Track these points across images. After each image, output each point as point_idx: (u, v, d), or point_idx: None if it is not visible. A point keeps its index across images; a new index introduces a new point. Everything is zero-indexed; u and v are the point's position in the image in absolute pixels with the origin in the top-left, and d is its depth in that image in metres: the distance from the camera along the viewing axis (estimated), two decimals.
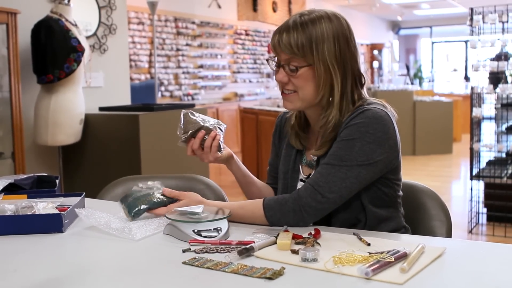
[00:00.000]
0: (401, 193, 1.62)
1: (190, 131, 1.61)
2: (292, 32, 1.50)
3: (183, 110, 1.65)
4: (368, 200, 1.54)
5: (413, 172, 7.13)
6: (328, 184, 1.47)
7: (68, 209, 1.59)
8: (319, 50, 1.50)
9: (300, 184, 1.65)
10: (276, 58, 1.58)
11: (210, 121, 1.64)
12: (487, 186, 4.73)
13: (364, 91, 1.60)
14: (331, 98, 1.55)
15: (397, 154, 1.54)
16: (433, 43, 18.50)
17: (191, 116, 1.62)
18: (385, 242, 1.32)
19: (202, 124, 1.61)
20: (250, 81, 10.58)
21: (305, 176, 1.64)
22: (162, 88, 8.38)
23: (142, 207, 1.56)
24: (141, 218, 1.57)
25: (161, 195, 1.59)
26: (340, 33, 1.53)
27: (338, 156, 1.48)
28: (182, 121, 1.62)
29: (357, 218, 1.55)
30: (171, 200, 1.58)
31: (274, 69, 1.60)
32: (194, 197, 1.58)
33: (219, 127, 1.64)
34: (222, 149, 1.64)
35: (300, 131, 1.68)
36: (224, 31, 9.83)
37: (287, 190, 1.66)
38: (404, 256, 1.19)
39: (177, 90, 8.71)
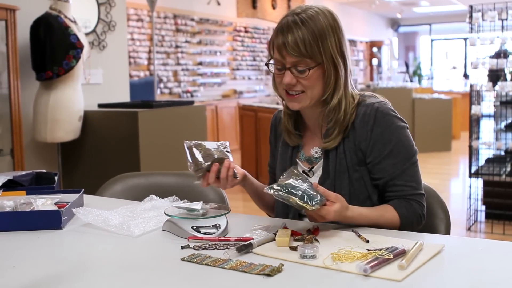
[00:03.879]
0: None
1: (204, 167, 1.52)
2: (296, 32, 1.48)
3: (185, 142, 1.55)
4: (377, 198, 1.58)
5: None
6: (418, 181, 1.58)
7: (67, 206, 1.59)
8: (325, 47, 1.50)
9: None
10: (272, 60, 1.55)
11: (216, 148, 1.57)
12: (486, 183, 4.74)
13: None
14: (336, 91, 1.56)
15: None
16: (432, 40, 18.49)
17: (198, 148, 1.55)
18: (383, 239, 1.33)
19: (213, 156, 1.54)
20: (249, 78, 10.57)
21: (307, 169, 1.64)
22: (161, 85, 8.37)
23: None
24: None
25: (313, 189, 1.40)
26: (336, 25, 1.54)
27: (402, 160, 1.55)
28: (189, 156, 1.53)
29: None
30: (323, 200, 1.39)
31: (274, 71, 1.56)
32: (344, 203, 1.44)
33: (226, 151, 1.57)
34: (237, 174, 1.57)
35: (293, 130, 1.66)
36: (223, 28, 9.82)
37: None
38: (402, 253, 1.19)
39: (176, 87, 8.70)
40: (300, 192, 1.35)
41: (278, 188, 1.36)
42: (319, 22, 1.51)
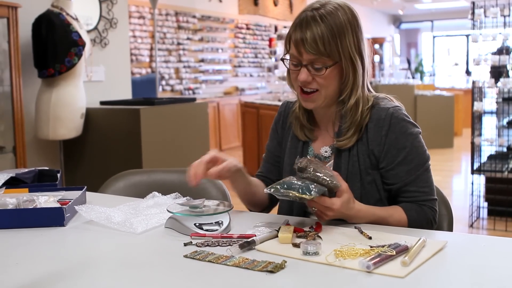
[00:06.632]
0: None
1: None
2: (315, 28, 1.46)
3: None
4: (387, 201, 1.59)
5: None
6: (430, 187, 1.56)
7: (70, 203, 1.59)
8: (343, 45, 1.49)
9: None
10: (289, 55, 1.54)
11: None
12: (488, 180, 4.73)
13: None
14: (354, 91, 1.54)
15: None
16: (434, 37, 18.45)
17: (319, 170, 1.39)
18: (386, 235, 1.33)
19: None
20: (251, 75, 10.56)
21: None
22: (163, 82, 8.37)
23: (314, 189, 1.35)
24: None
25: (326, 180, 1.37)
26: (355, 23, 1.53)
27: (415, 166, 1.53)
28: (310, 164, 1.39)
29: None
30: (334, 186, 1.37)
31: (290, 67, 1.55)
32: (351, 195, 1.43)
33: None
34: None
35: (307, 124, 1.65)
36: (225, 25, 9.81)
37: None
38: (405, 250, 1.19)
39: (178, 84, 8.70)
40: (297, 186, 1.36)
41: (278, 187, 1.37)
42: (338, 18, 1.49)
